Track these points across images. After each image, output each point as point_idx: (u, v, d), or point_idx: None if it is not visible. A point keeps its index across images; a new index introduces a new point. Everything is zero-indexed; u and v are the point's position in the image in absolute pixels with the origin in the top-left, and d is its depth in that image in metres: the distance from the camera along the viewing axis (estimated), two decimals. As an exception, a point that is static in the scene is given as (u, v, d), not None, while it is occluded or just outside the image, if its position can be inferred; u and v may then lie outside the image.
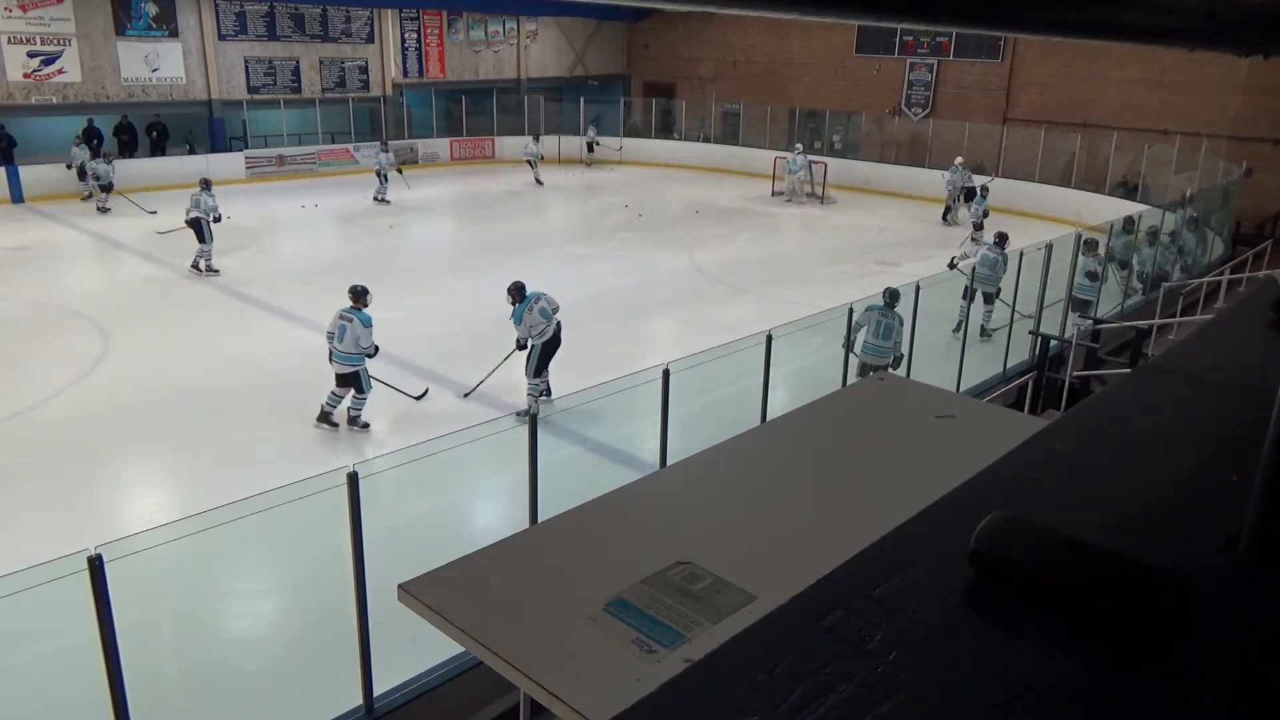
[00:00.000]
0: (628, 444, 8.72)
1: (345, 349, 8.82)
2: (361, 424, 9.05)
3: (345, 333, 8.80)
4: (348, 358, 8.83)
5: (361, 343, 8.81)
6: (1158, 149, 20.21)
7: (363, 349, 8.83)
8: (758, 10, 1.30)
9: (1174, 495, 1.24)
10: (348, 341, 8.79)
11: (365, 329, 8.81)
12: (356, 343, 8.79)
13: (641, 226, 19.12)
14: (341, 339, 8.82)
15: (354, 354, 8.83)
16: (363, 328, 8.80)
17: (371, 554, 4.93)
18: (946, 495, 1.16)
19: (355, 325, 8.79)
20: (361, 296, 9.02)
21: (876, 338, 9.42)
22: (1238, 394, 1.60)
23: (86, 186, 19.56)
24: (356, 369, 8.87)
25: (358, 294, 9.04)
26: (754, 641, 0.89)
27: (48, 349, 11.18)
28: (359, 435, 9.01)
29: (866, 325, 9.42)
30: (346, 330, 8.80)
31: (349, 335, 8.78)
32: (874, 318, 9.44)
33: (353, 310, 8.90)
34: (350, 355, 8.83)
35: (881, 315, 9.41)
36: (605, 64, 31.57)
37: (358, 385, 8.92)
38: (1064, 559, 0.94)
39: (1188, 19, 1.84)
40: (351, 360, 8.84)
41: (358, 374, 8.89)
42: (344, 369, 8.87)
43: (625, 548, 2.23)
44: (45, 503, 7.55)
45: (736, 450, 2.87)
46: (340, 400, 9.04)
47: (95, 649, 4.20)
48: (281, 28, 23.98)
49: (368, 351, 8.89)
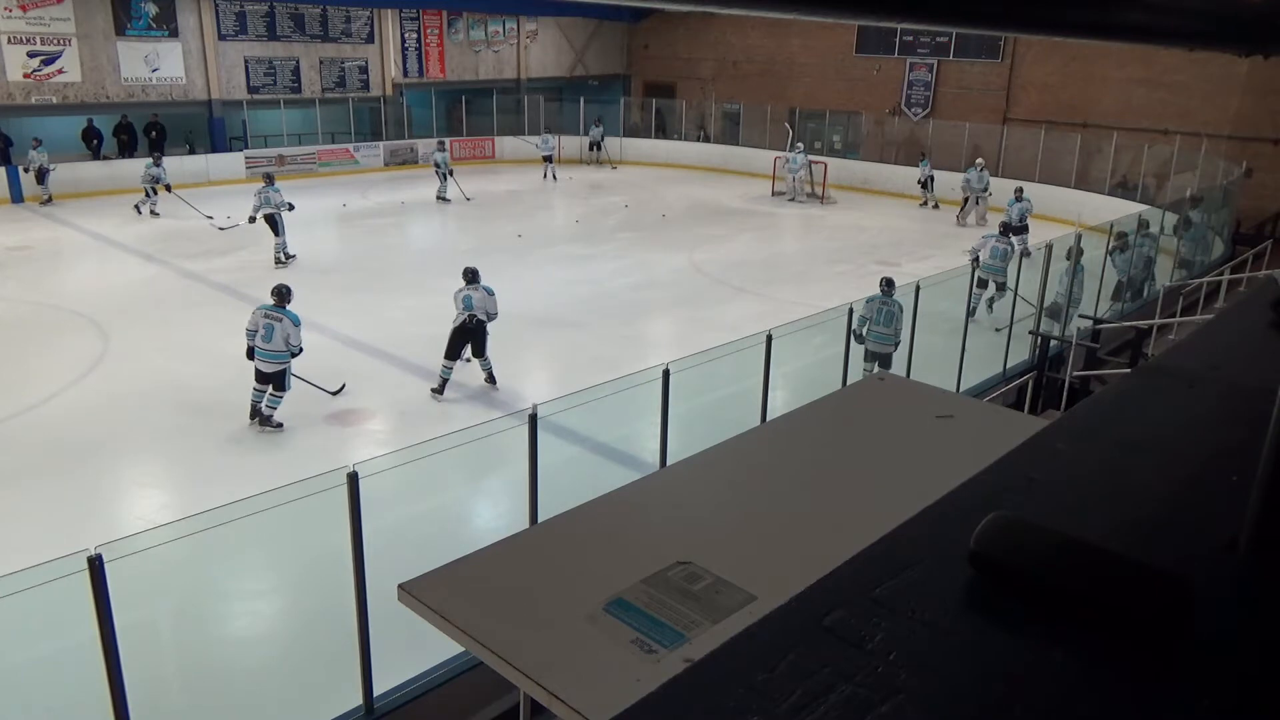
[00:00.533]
0: (628, 444, 8.72)
1: (274, 348, 8.91)
2: (275, 424, 9.04)
3: (274, 332, 8.89)
4: (275, 356, 8.93)
5: (291, 341, 8.92)
6: (1158, 149, 20.21)
7: (291, 347, 8.94)
8: (758, 10, 1.30)
9: (1174, 495, 1.24)
10: (277, 340, 8.89)
11: (295, 328, 8.95)
12: (286, 341, 8.90)
13: (641, 226, 19.12)
14: (270, 338, 8.90)
15: (282, 352, 8.93)
16: (293, 326, 8.93)
17: (371, 554, 4.93)
18: (946, 495, 1.16)
19: (285, 324, 8.91)
20: (286, 296, 9.13)
21: (880, 325, 9.81)
22: (1238, 394, 1.60)
23: (46, 190, 19.42)
24: (283, 366, 8.97)
25: (282, 294, 9.15)
26: (754, 641, 0.89)
27: (48, 349, 11.18)
28: (356, 431, 9.02)
29: (870, 315, 9.80)
30: (275, 329, 8.89)
31: (278, 334, 8.88)
32: (875, 307, 9.84)
33: (279, 309, 9.00)
34: (278, 354, 8.93)
35: (882, 303, 9.82)
36: (605, 64, 31.58)
37: (279, 383, 8.98)
38: (1064, 559, 0.94)
39: (1188, 19, 1.84)
40: (278, 358, 8.94)
41: (283, 372, 8.98)
42: (272, 367, 8.94)
43: (625, 548, 2.23)
44: (45, 503, 7.55)
45: (736, 450, 2.87)
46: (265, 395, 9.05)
47: (95, 649, 4.20)
48: (281, 28, 23.98)
49: (294, 350, 8.98)
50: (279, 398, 9.04)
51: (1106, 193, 20.32)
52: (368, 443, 8.77)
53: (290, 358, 9.00)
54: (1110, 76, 21.78)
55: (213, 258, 15.52)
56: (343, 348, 11.34)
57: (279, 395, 9.03)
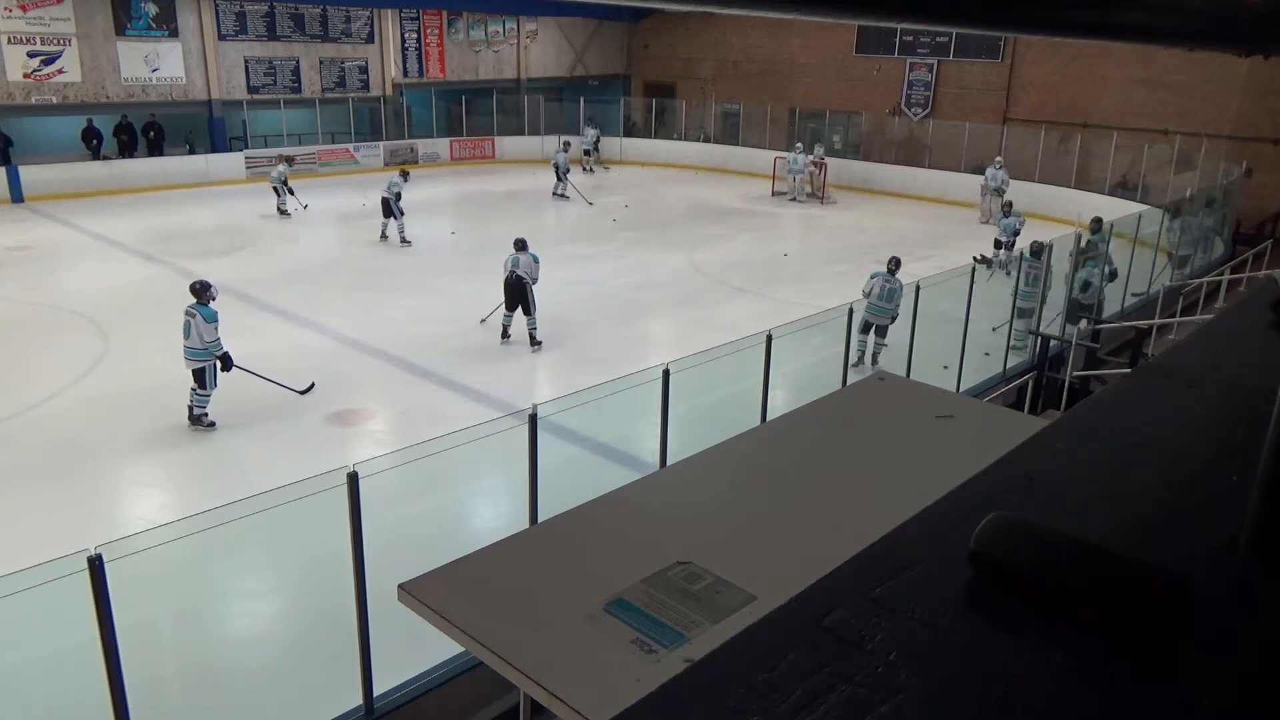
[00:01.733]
0: (628, 444, 8.72)
1: (191, 344, 8.87)
2: (207, 422, 8.98)
3: (190, 329, 8.83)
4: (194, 353, 8.86)
5: (205, 338, 8.81)
6: (1158, 149, 20.21)
7: (206, 343, 8.82)
8: (758, 10, 1.30)
9: (1174, 495, 1.24)
10: (193, 337, 8.83)
11: (207, 324, 8.82)
12: (201, 338, 8.80)
13: (641, 226, 19.12)
14: (188, 335, 8.85)
15: (199, 349, 8.83)
16: (205, 323, 8.81)
17: (371, 554, 4.93)
18: (946, 495, 1.16)
19: (198, 321, 8.80)
20: (202, 293, 9.00)
21: (879, 299, 10.64)
22: (1238, 394, 1.60)
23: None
24: (204, 364, 8.86)
25: (197, 290, 9.04)
26: (754, 641, 0.89)
27: (48, 349, 11.18)
28: (356, 431, 9.02)
29: (872, 289, 10.72)
30: (191, 326, 8.82)
31: (194, 331, 8.81)
32: (879, 283, 10.71)
33: (196, 306, 8.89)
34: (196, 351, 8.84)
35: (885, 280, 10.70)
36: (605, 64, 31.58)
37: (200, 381, 8.90)
38: (1064, 559, 0.94)
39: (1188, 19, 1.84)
40: (198, 355, 8.85)
41: (203, 369, 8.86)
42: (192, 364, 8.89)
43: (625, 548, 2.23)
44: (45, 503, 7.55)
45: (736, 450, 2.87)
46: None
47: (95, 649, 4.20)
48: (281, 28, 23.98)
49: (211, 348, 8.85)
50: (204, 396, 8.92)
51: (1106, 193, 20.31)
52: (368, 443, 8.77)
53: (210, 355, 8.85)
54: (1110, 76, 21.78)
55: (213, 258, 15.52)
56: (343, 348, 11.34)
57: (204, 394, 8.91)
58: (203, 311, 8.82)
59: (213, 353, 8.87)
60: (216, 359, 8.91)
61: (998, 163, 20.73)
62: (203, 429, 8.94)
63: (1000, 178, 20.36)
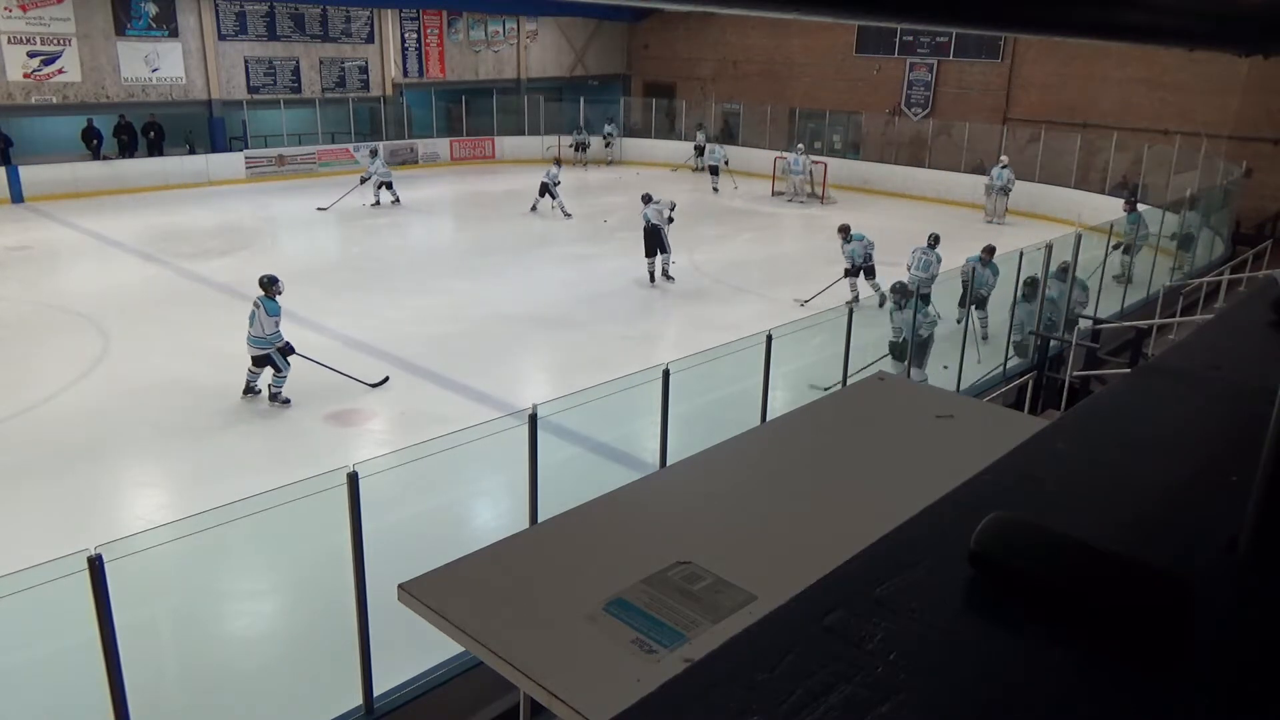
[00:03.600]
0: (628, 444, 8.72)
1: (254, 334, 9.46)
2: (282, 400, 9.55)
3: (254, 318, 9.45)
4: (256, 341, 9.45)
5: (266, 329, 9.38)
6: (1158, 149, 20.21)
7: (267, 334, 9.38)
8: (758, 10, 1.30)
9: (1174, 495, 1.24)
10: (256, 326, 9.44)
11: (269, 317, 9.41)
12: (263, 329, 9.38)
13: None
14: (252, 324, 9.47)
15: (260, 338, 9.42)
16: (267, 316, 9.40)
17: (371, 554, 4.93)
18: (946, 495, 1.16)
19: (261, 313, 9.41)
20: (269, 286, 9.56)
21: (917, 269, 12.30)
22: (1238, 394, 1.60)
23: None
24: (267, 352, 9.45)
25: (265, 284, 9.59)
26: (754, 641, 0.89)
27: (48, 349, 11.18)
28: (356, 431, 9.03)
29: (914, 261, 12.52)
30: (255, 316, 9.44)
31: (257, 321, 9.42)
32: (919, 254, 12.61)
33: (262, 299, 9.48)
34: (258, 339, 9.44)
35: (924, 253, 12.56)
36: (605, 64, 31.57)
37: (274, 366, 9.50)
38: (1064, 559, 0.94)
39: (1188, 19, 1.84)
40: (259, 344, 9.45)
41: (269, 356, 9.47)
42: (256, 351, 9.50)
43: (625, 548, 2.23)
44: (45, 503, 7.55)
45: (736, 450, 2.87)
46: (258, 376, 9.64)
47: (95, 649, 4.20)
48: (281, 28, 23.98)
49: (271, 338, 9.40)
50: (280, 378, 9.52)
51: (1106, 193, 20.31)
52: (368, 443, 8.77)
53: (270, 345, 9.42)
54: (1110, 76, 21.77)
55: (212, 258, 15.53)
56: (343, 347, 11.33)
57: (280, 376, 9.51)
58: (266, 304, 9.42)
59: (273, 343, 9.42)
60: (277, 349, 9.46)
61: (1003, 162, 20.76)
62: (279, 405, 9.53)
63: (1006, 177, 20.39)
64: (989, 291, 11.95)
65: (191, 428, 9.01)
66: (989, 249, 12.21)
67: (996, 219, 20.45)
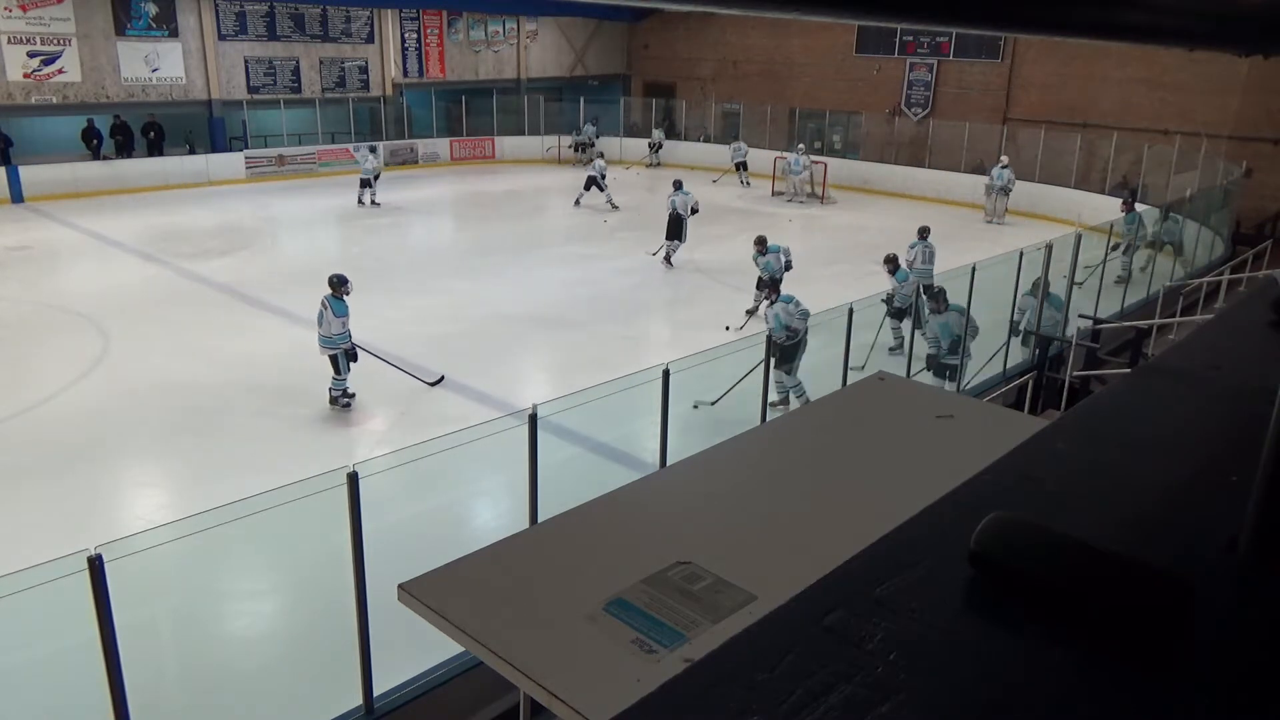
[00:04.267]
0: (628, 444, 8.72)
1: (322, 333, 9.42)
2: (343, 403, 9.49)
3: (322, 319, 9.41)
4: (324, 341, 9.42)
5: (333, 330, 9.32)
6: (1158, 149, 20.21)
7: (334, 334, 9.32)
8: (758, 10, 1.30)
9: (1174, 495, 1.24)
10: (324, 326, 9.40)
11: (336, 318, 9.33)
12: (329, 328, 9.34)
13: (641, 226, 19.11)
14: (320, 324, 9.41)
15: (327, 338, 9.38)
16: (334, 316, 9.32)
17: (371, 554, 4.93)
18: (946, 495, 1.16)
19: (327, 313, 9.36)
20: (337, 286, 9.50)
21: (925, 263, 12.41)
22: (1238, 394, 1.60)
23: None
24: (333, 351, 9.34)
25: (334, 283, 9.54)
26: (754, 641, 0.89)
27: (48, 349, 11.18)
28: (356, 431, 9.04)
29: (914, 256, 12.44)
30: (323, 316, 9.39)
31: (325, 321, 9.38)
32: (919, 249, 12.56)
33: (329, 298, 9.42)
34: (326, 339, 9.39)
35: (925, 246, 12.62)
36: (605, 64, 31.57)
37: (334, 367, 9.41)
38: (1064, 559, 0.94)
39: (1188, 19, 1.84)
40: (325, 344, 9.40)
41: (334, 357, 9.38)
42: (322, 351, 9.46)
43: (625, 548, 2.23)
44: (45, 503, 7.55)
45: (736, 450, 2.87)
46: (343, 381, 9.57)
47: (95, 649, 4.20)
48: (281, 28, 23.98)
49: (338, 339, 9.34)
50: (339, 380, 9.48)
51: (1106, 192, 20.32)
52: (368, 443, 8.77)
53: (337, 345, 9.37)
54: (1110, 76, 21.77)
55: (212, 258, 15.53)
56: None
57: (338, 379, 9.47)
58: (333, 304, 9.37)
59: (340, 344, 9.37)
60: (343, 350, 9.40)
61: (1003, 162, 20.76)
62: (339, 409, 9.48)
63: (1006, 177, 20.38)
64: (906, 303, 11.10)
65: (191, 428, 9.01)
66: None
67: (996, 219, 20.46)
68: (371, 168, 20.37)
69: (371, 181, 20.24)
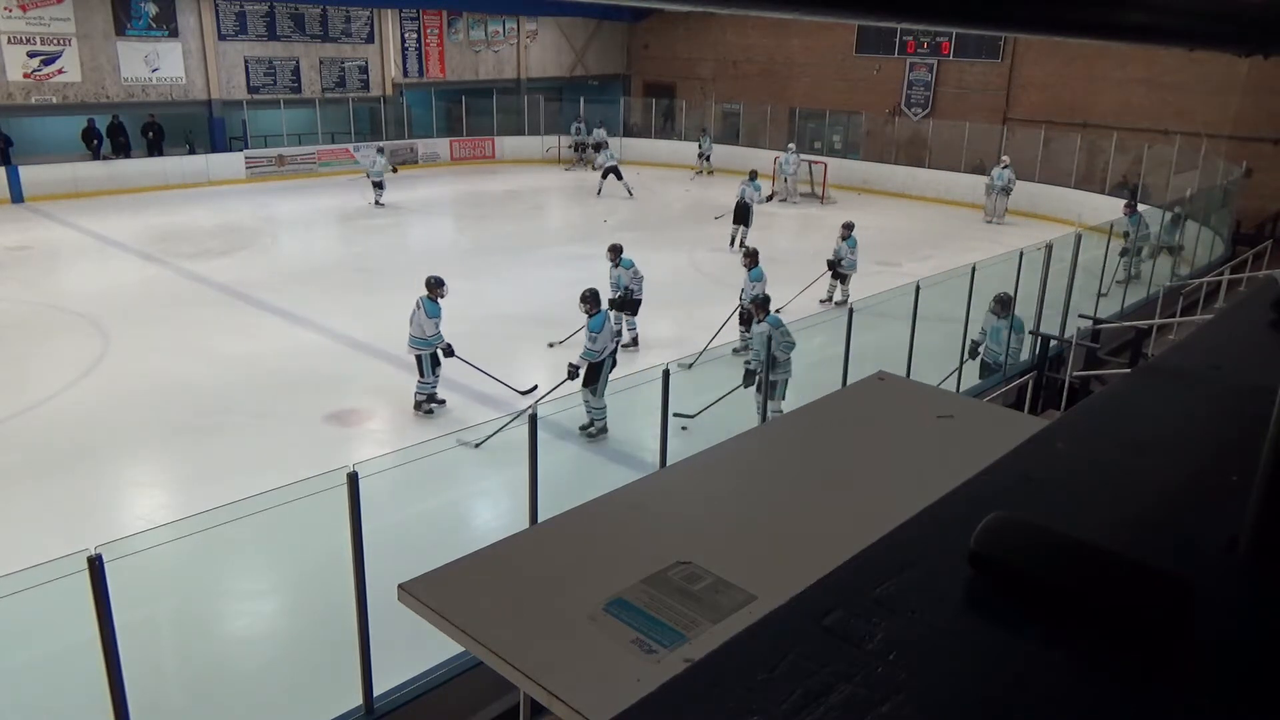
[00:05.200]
0: (628, 444, 8.72)
1: (414, 334, 9.32)
2: (426, 408, 9.38)
3: (413, 318, 9.33)
4: (415, 342, 9.33)
5: (426, 330, 9.24)
6: (1158, 149, 20.20)
7: (427, 335, 9.23)
8: (758, 10, 1.30)
9: (1174, 495, 1.24)
10: (416, 327, 9.30)
11: (429, 319, 9.25)
12: (422, 330, 9.25)
13: (641, 226, 19.12)
14: (410, 323, 9.35)
15: (419, 339, 9.28)
16: (426, 317, 9.24)
17: (371, 554, 4.93)
18: (946, 495, 1.16)
19: (420, 313, 9.27)
20: (434, 288, 9.45)
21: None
22: (1238, 394, 1.60)
23: None
24: (421, 353, 9.29)
25: (431, 284, 9.47)
26: (754, 641, 0.89)
27: (48, 349, 11.18)
28: (356, 431, 9.04)
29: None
30: (415, 317, 9.32)
31: (417, 322, 9.30)
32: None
33: (423, 299, 9.35)
34: (416, 340, 9.30)
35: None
36: (605, 64, 31.56)
37: (420, 370, 9.34)
38: (1064, 559, 0.94)
39: (1188, 19, 1.84)
40: (417, 344, 9.29)
41: (420, 358, 9.30)
42: (410, 351, 9.40)
43: (625, 548, 2.23)
44: (45, 503, 7.55)
45: (736, 450, 2.87)
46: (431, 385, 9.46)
47: (95, 649, 4.20)
48: (281, 28, 23.97)
49: (432, 340, 9.26)
50: (424, 384, 9.36)
51: (1106, 193, 20.32)
52: (368, 443, 8.77)
53: (430, 346, 9.26)
54: (1110, 76, 21.77)
55: (213, 258, 15.53)
56: (343, 347, 11.34)
57: (423, 382, 9.35)
58: (426, 305, 9.27)
59: (433, 344, 9.27)
60: (439, 349, 9.32)
61: (1004, 162, 20.75)
62: (421, 414, 9.35)
63: (1007, 177, 20.38)
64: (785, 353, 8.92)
65: (191, 428, 9.00)
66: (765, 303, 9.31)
67: (996, 219, 20.46)
68: (379, 169, 20.54)
69: (382, 182, 20.44)
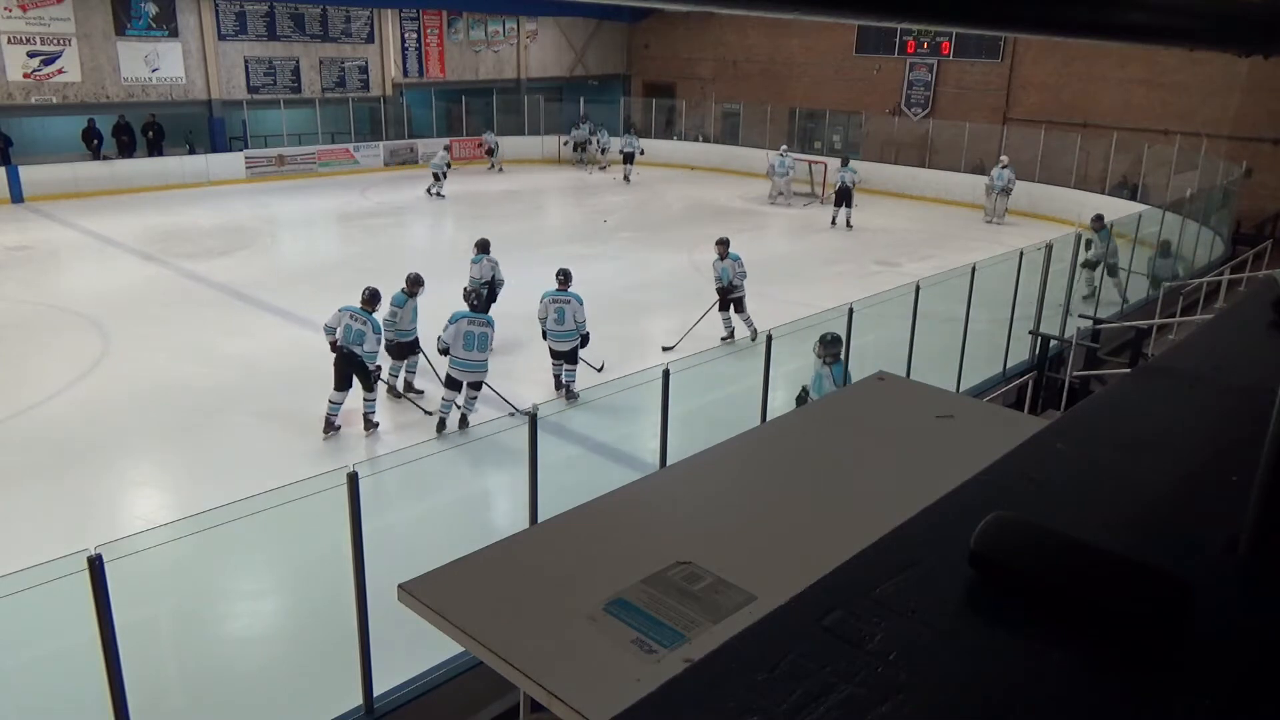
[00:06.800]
0: (628, 444, 8.72)
1: (565, 328, 9.64)
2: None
3: (564, 313, 9.60)
4: (567, 335, 9.66)
5: (578, 317, 9.61)
6: (1158, 149, 20.20)
7: (579, 323, 9.61)
8: (758, 10, 1.30)
9: (1174, 495, 1.24)
10: (567, 321, 9.61)
11: (581, 306, 9.62)
12: (575, 319, 9.60)
13: (641, 226, 19.13)
14: (561, 319, 9.62)
15: (571, 331, 9.65)
16: (579, 305, 9.61)
17: (371, 554, 4.93)
18: (946, 495, 1.16)
19: (573, 305, 9.61)
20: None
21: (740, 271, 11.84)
22: (1238, 394, 1.60)
23: None
24: (573, 344, 9.66)
25: (569, 276, 9.91)
26: (754, 641, 0.89)
27: (48, 349, 11.17)
28: (356, 431, 9.03)
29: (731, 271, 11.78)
30: (565, 311, 9.59)
31: (568, 315, 9.59)
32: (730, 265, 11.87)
33: (568, 293, 9.70)
34: (569, 333, 9.66)
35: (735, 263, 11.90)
36: (605, 64, 31.56)
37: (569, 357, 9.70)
38: (1064, 559, 0.94)
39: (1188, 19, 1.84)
40: (568, 337, 9.66)
41: (574, 350, 9.66)
42: (564, 345, 9.69)
43: (625, 548, 2.23)
44: (45, 503, 7.54)
45: (736, 450, 2.87)
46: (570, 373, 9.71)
47: (95, 649, 4.20)
48: (281, 28, 23.98)
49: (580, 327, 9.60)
50: (571, 371, 9.67)
51: (1106, 193, 20.32)
52: (368, 443, 8.77)
53: (576, 336, 9.62)
54: (1110, 76, 21.77)
55: (213, 258, 15.52)
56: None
57: (570, 369, 9.66)
58: (575, 297, 9.69)
59: (579, 331, 9.62)
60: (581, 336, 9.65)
61: (1004, 162, 20.73)
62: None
63: (1007, 177, 20.36)
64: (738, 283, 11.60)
65: (191, 428, 9.00)
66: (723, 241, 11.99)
67: (996, 219, 20.46)
68: (438, 162, 21.26)
69: (442, 175, 21.09)
